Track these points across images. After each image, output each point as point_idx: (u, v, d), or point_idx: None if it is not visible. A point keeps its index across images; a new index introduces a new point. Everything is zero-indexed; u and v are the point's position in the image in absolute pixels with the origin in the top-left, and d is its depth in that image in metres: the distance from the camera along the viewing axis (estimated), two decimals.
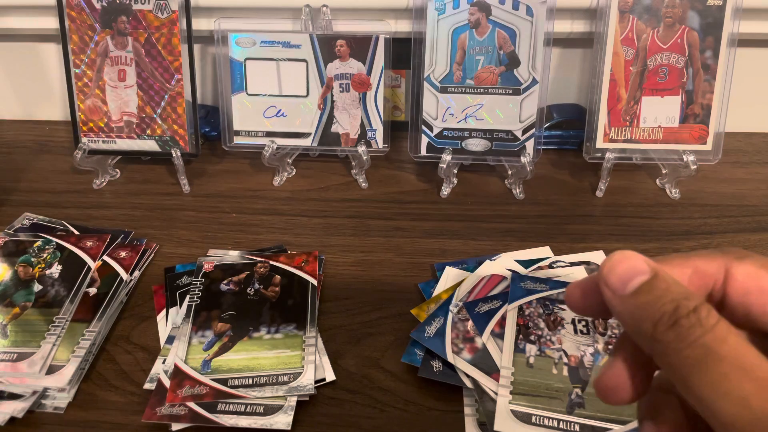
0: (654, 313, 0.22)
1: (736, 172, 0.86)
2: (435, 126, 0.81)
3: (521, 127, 0.80)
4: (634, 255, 0.24)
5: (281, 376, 0.56)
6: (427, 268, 0.70)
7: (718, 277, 0.25)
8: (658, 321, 0.22)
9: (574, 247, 0.72)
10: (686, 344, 0.21)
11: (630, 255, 0.24)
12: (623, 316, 0.23)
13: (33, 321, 0.61)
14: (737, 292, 0.25)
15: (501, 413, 0.52)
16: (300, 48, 0.80)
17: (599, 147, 0.80)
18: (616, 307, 0.24)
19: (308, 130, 0.83)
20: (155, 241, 0.74)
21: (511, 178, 0.83)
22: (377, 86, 0.81)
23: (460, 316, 0.61)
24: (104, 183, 0.84)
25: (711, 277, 0.25)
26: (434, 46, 0.78)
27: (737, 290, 0.25)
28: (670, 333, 0.22)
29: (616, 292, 0.23)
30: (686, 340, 0.21)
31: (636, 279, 0.23)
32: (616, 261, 0.24)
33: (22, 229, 0.75)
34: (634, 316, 0.23)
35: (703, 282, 0.25)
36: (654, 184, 0.84)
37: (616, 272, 0.23)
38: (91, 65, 0.81)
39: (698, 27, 0.77)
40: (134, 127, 0.83)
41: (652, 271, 0.23)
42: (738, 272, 0.25)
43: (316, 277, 0.66)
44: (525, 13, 0.77)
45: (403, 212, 0.79)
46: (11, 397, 0.55)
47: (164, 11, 0.79)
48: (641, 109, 0.79)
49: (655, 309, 0.22)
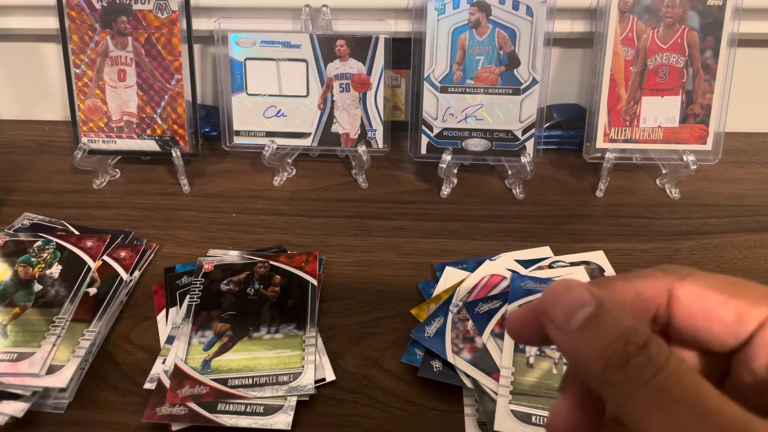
0: (602, 352, 0.21)
1: (736, 172, 0.86)
2: (435, 126, 0.81)
3: (521, 127, 0.80)
4: (576, 285, 0.22)
5: (281, 376, 0.56)
6: (427, 268, 0.70)
7: (661, 300, 0.24)
8: (608, 361, 0.20)
9: (574, 247, 0.72)
10: (638, 386, 0.20)
11: (573, 285, 0.22)
12: (570, 354, 0.22)
13: (33, 321, 0.61)
14: (682, 315, 0.23)
15: (501, 413, 0.52)
16: (300, 48, 0.80)
17: (599, 147, 0.80)
18: (562, 344, 0.22)
19: (308, 130, 0.83)
20: (155, 241, 0.74)
21: (511, 178, 0.83)
22: (377, 86, 0.81)
23: (460, 316, 0.61)
24: (104, 183, 0.84)
25: (654, 301, 0.24)
26: (434, 46, 0.78)
27: (682, 313, 0.23)
28: (621, 374, 0.20)
29: (561, 327, 0.22)
30: (638, 381, 0.20)
31: (581, 312, 0.21)
32: (559, 293, 0.22)
33: (22, 229, 0.75)
34: (582, 355, 0.21)
35: (646, 306, 0.24)
36: (654, 184, 0.84)
37: (559, 305, 0.22)
38: (91, 65, 0.81)
39: (698, 27, 0.77)
40: (134, 127, 0.83)
41: (597, 302, 0.21)
42: (681, 294, 0.24)
43: (316, 277, 0.66)
44: (525, 13, 0.77)
45: (403, 212, 0.79)
46: (11, 397, 0.55)
47: (164, 11, 0.79)
48: (641, 109, 0.79)
49: (602, 347, 0.21)
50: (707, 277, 0.24)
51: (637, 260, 0.71)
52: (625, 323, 0.21)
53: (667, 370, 0.20)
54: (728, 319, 0.23)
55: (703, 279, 0.24)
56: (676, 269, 0.24)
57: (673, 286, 0.24)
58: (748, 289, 0.23)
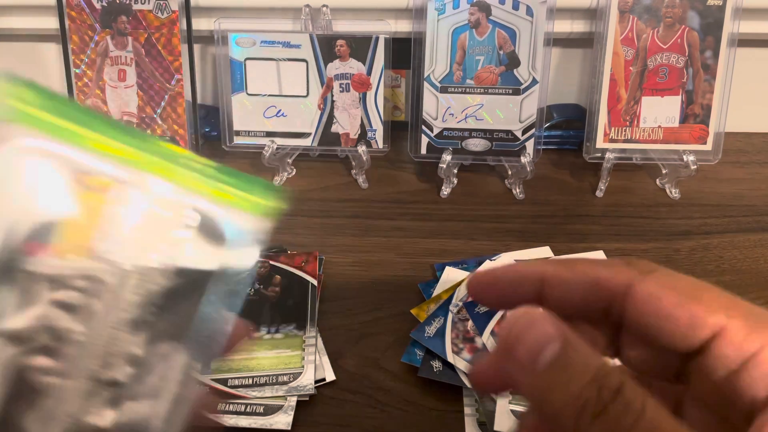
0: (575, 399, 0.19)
1: (736, 172, 0.86)
2: (435, 126, 0.81)
3: (521, 127, 0.80)
4: (541, 316, 0.20)
5: (281, 376, 0.56)
6: (427, 268, 0.70)
7: (618, 292, 0.23)
8: (582, 410, 0.19)
9: (574, 247, 0.72)
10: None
11: (537, 317, 0.20)
12: (536, 399, 0.20)
13: None
14: (636, 311, 0.23)
15: (501, 413, 0.52)
16: (300, 48, 0.80)
17: (599, 147, 0.80)
18: (527, 388, 0.20)
19: (308, 130, 0.83)
20: None
21: (511, 178, 0.83)
22: (377, 86, 0.81)
23: (460, 316, 0.61)
24: None
25: (611, 291, 0.23)
26: (434, 46, 0.78)
27: (636, 309, 0.23)
28: (597, 425, 0.18)
29: (526, 367, 0.20)
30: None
31: (547, 350, 0.19)
32: (524, 326, 0.20)
33: None
34: (551, 401, 0.19)
35: (601, 294, 0.23)
36: (654, 184, 0.84)
37: (522, 343, 0.20)
38: (91, 65, 0.81)
39: (698, 27, 0.77)
40: (134, 127, 0.83)
41: (563, 338, 0.20)
42: (639, 289, 0.23)
43: (316, 277, 0.66)
44: (525, 13, 0.77)
45: (403, 212, 0.79)
46: None
47: (164, 11, 0.79)
48: (641, 109, 0.79)
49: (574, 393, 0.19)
50: (671, 276, 0.23)
51: None
52: (595, 362, 0.20)
53: (645, 418, 0.18)
54: (681, 323, 0.22)
55: (665, 278, 0.23)
56: (642, 264, 0.24)
57: (633, 281, 0.23)
58: (708, 294, 0.22)
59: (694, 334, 0.22)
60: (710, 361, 0.22)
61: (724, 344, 0.21)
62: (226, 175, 0.22)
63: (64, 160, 0.21)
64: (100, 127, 0.22)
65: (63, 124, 0.21)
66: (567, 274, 0.24)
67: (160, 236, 0.21)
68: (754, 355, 0.21)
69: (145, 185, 0.21)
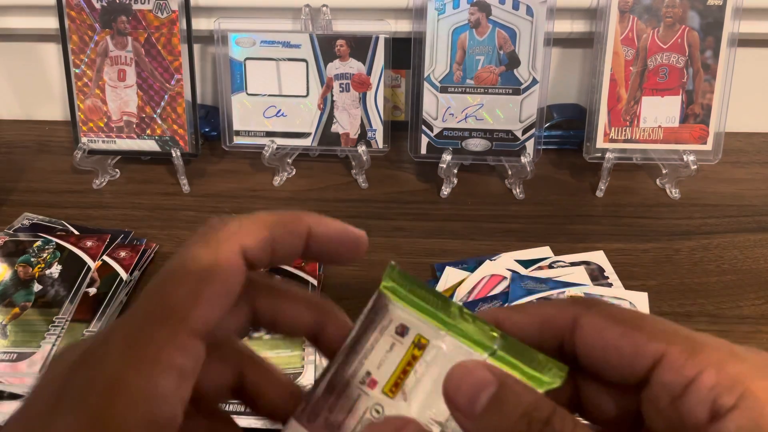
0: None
1: (736, 172, 0.86)
2: (435, 126, 0.81)
3: (521, 127, 0.80)
4: (475, 366, 0.22)
5: None
6: (427, 268, 0.70)
7: (566, 329, 0.24)
8: None
9: (574, 247, 0.72)
10: None
11: (472, 366, 0.22)
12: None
13: (33, 321, 0.61)
14: (584, 345, 0.24)
15: None
16: (300, 48, 0.80)
17: (599, 147, 0.80)
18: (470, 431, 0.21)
19: (308, 130, 0.83)
20: (155, 241, 0.74)
21: (511, 178, 0.83)
22: (377, 86, 0.81)
23: None
24: (104, 183, 0.84)
25: (560, 328, 0.24)
26: (434, 46, 0.78)
27: (584, 344, 0.24)
28: None
29: (467, 414, 0.21)
30: None
31: (483, 393, 0.21)
32: (460, 377, 0.22)
33: (22, 229, 0.75)
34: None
35: (552, 332, 0.24)
36: (654, 184, 0.84)
37: (462, 391, 0.21)
38: (91, 65, 0.81)
39: (698, 27, 0.77)
40: (134, 127, 0.83)
41: (498, 381, 0.21)
42: (584, 323, 0.24)
43: (316, 277, 0.66)
44: (525, 13, 0.77)
45: (403, 212, 0.79)
46: (11, 397, 0.55)
47: (164, 11, 0.79)
48: (641, 109, 0.79)
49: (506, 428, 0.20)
50: (613, 308, 0.24)
51: (637, 260, 0.71)
52: (526, 399, 0.21)
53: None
54: (625, 352, 0.22)
55: (607, 310, 0.24)
56: (586, 300, 0.25)
57: (578, 316, 0.24)
58: (649, 323, 0.23)
59: (638, 363, 0.22)
60: (656, 389, 0.22)
61: (666, 371, 0.22)
62: (512, 345, 0.24)
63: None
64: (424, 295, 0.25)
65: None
66: (518, 316, 0.25)
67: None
68: (693, 380, 0.21)
69: (449, 348, 0.24)
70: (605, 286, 0.66)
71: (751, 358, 0.21)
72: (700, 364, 0.21)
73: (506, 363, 0.23)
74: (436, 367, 0.24)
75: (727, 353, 0.22)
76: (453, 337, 0.24)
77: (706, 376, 0.21)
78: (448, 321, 0.24)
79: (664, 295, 0.66)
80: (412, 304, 0.25)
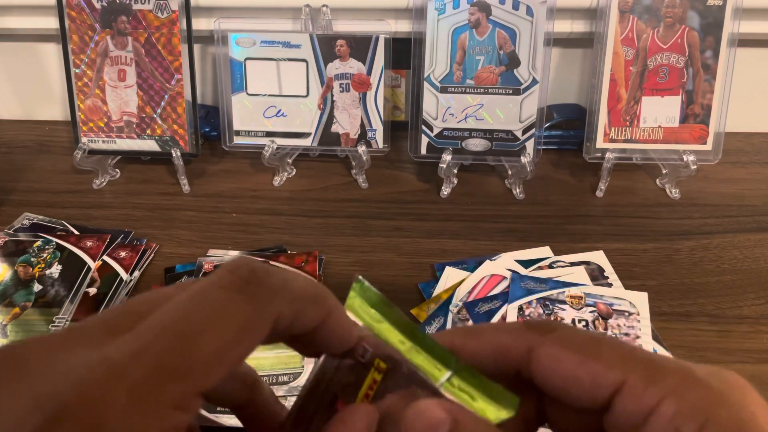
0: None
1: (736, 172, 0.86)
2: (435, 126, 0.81)
3: (521, 127, 0.80)
4: (430, 405, 0.22)
5: (281, 376, 0.56)
6: (427, 268, 0.70)
7: (521, 359, 0.23)
8: None
9: (574, 247, 0.72)
10: None
11: (425, 407, 0.22)
12: None
13: (33, 321, 0.61)
14: (541, 374, 0.23)
15: None
16: (300, 48, 0.80)
17: (599, 147, 0.80)
18: None
19: (308, 130, 0.83)
20: (155, 241, 0.74)
21: (511, 178, 0.83)
22: (377, 86, 0.81)
23: (460, 316, 0.61)
24: (104, 183, 0.84)
25: (515, 359, 0.24)
26: (434, 46, 0.78)
27: (541, 373, 0.23)
28: None
29: None
30: None
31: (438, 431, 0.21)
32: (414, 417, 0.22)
33: (22, 229, 0.75)
34: None
35: (506, 361, 0.24)
36: (654, 184, 0.84)
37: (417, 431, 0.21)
38: (91, 65, 0.81)
39: (698, 27, 0.77)
40: (134, 127, 0.83)
41: (452, 419, 0.21)
42: (540, 353, 0.23)
43: (316, 277, 0.66)
44: (525, 13, 0.77)
45: (403, 212, 0.79)
46: None
47: (164, 11, 0.79)
48: (641, 109, 0.79)
49: None
50: (570, 333, 0.23)
51: (637, 260, 0.71)
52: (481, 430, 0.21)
53: None
54: (584, 383, 0.22)
55: (563, 337, 0.23)
56: (542, 325, 0.24)
57: (533, 345, 0.23)
58: (606, 348, 0.23)
59: (598, 393, 0.22)
60: (617, 417, 0.22)
61: (626, 400, 0.21)
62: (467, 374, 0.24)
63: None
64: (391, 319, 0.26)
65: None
66: (474, 346, 0.24)
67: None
68: (654, 409, 0.21)
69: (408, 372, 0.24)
70: (605, 286, 0.66)
71: (711, 383, 0.21)
72: (659, 392, 0.21)
73: (461, 390, 0.23)
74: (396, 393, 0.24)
75: (686, 379, 0.21)
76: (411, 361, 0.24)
77: (666, 404, 0.21)
78: (407, 344, 0.24)
79: (664, 295, 0.66)
80: (374, 325, 0.25)
